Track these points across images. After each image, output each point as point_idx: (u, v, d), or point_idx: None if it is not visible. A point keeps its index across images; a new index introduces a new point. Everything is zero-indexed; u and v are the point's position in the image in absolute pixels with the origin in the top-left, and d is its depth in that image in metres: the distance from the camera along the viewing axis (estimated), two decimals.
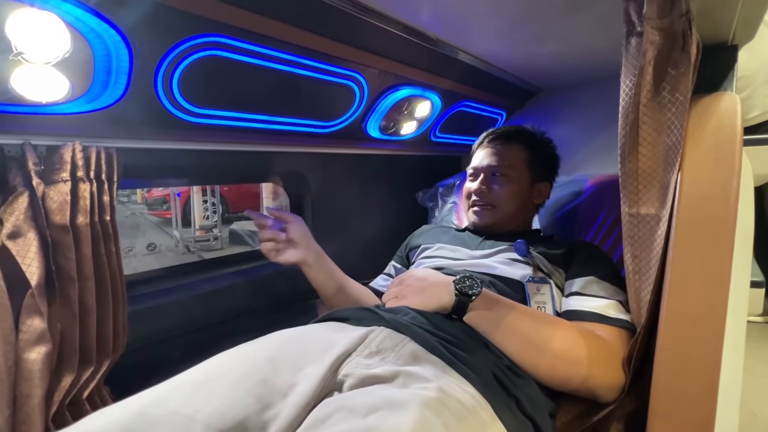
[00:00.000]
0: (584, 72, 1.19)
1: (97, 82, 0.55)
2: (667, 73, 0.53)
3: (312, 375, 0.48)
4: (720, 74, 0.65)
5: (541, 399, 0.58)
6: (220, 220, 4.91)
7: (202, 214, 4.97)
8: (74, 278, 0.56)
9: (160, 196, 6.04)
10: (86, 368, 0.57)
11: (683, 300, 0.50)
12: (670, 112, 0.53)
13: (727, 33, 0.63)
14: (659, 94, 0.54)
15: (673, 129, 0.53)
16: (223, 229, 4.90)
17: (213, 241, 4.75)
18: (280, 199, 4.63)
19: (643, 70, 0.53)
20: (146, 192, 6.54)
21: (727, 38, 0.65)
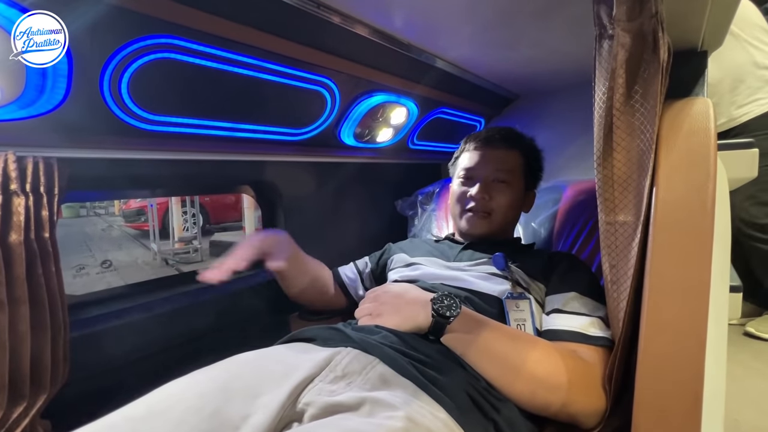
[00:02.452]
0: (559, 78, 1.19)
1: (30, 86, 0.50)
2: (638, 75, 0.52)
3: (268, 405, 0.44)
4: (691, 79, 0.65)
5: (521, 421, 0.54)
6: (200, 232, 4.78)
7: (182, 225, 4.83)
8: (3, 302, 0.50)
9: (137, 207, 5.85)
10: (18, 404, 0.51)
11: (663, 310, 0.48)
12: (643, 116, 0.52)
13: (696, 39, 0.62)
14: (631, 97, 0.53)
15: (645, 133, 0.52)
16: (203, 241, 4.76)
17: (193, 253, 4.61)
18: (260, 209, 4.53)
19: (614, 73, 0.52)
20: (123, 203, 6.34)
21: (696, 44, 0.64)
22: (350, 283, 0.94)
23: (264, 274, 1.00)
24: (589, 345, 0.60)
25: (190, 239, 4.73)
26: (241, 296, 0.91)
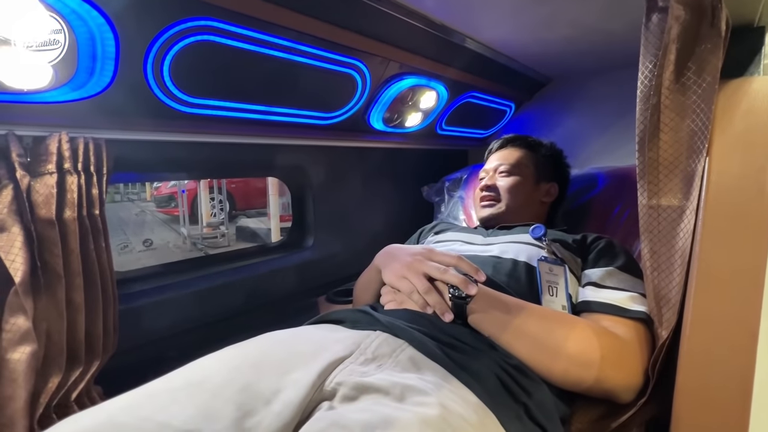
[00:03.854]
0: (597, 59, 1.13)
1: (82, 69, 0.52)
2: (693, 52, 0.49)
3: (299, 381, 0.45)
4: (746, 58, 0.60)
5: (552, 404, 0.54)
6: (227, 218, 4.93)
7: (209, 211, 5.00)
8: (61, 275, 0.53)
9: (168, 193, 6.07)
10: (74, 368, 0.55)
11: (711, 298, 0.46)
12: (696, 94, 0.49)
13: (753, 14, 0.58)
14: (683, 75, 0.50)
15: (699, 113, 0.49)
16: (230, 226, 4.91)
17: (220, 238, 4.77)
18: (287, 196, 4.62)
19: (666, 49, 0.49)
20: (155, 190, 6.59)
21: (753, 19, 0.60)
22: None
23: (292, 257, 1.02)
24: (625, 319, 0.58)
25: (218, 224, 4.89)
26: (272, 278, 0.94)
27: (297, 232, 1.07)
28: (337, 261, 1.09)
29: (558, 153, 0.98)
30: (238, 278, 0.88)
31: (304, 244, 1.05)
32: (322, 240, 1.06)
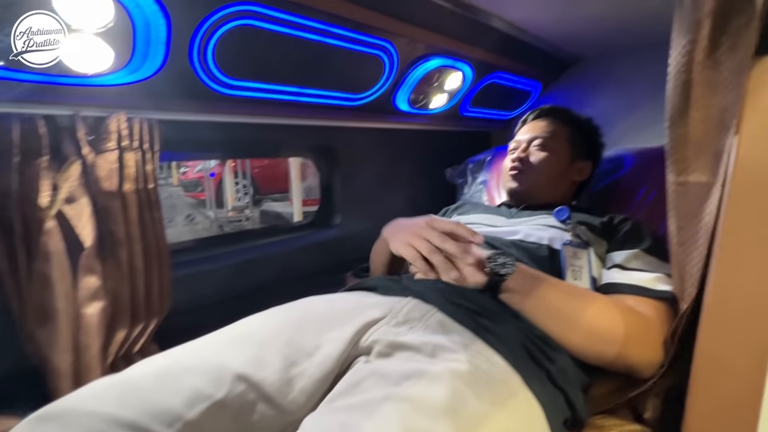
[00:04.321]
0: (627, 37, 1.11)
1: (137, 53, 0.57)
2: (726, 27, 0.48)
3: (337, 338, 0.49)
4: None
5: (573, 372, 0.57)
6: (251, 201, 5.07)
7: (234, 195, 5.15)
8: (123, 241, 0.60)
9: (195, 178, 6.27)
10: (137, 324, 0.62)
11: (734, 272, 0.47)
12: (728, 70, 0.49)
13: None
14: (716, 50, 0.50)
15: (731, 89, 0.49)
16: (254, 210, 5.05)
17: (245, 221, 4.93)
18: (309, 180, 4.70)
19: (699, 24, 0.49)
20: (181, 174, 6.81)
21: None
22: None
23: (320, 234, 1.07)
24: (649, 298, 0.60)
25: (243, 208, 5.04)
26: (301, 253, 0.99)
27: (325, 210, 1.12)
28: (363, 238, 1.13)
29: (595, 130, 0.94)
30: (272, 253, 0.94)
31: (332, 222, 1.10)
32: (349, 218, 1.11)
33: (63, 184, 0.56)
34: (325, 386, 0.45)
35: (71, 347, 0.54)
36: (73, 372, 0.54)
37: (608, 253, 0.71)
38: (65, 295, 0.54)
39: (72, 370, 0.54)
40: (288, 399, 0.43)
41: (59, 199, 0.56)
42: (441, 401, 0.37)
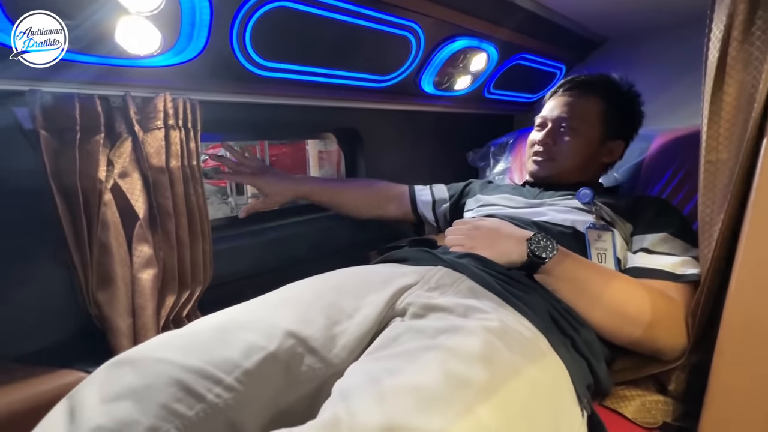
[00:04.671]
0: (657, 16, 1.08)
1: (183, 36, 0.60)
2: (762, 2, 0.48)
3: (375, 302, 0.52)
4: None
5: (597, 344, 0.59)
6: None
7: None
8: (171, 214, 0.64)
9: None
10: (183, 291, 0.67)
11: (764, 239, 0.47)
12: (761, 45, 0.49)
13: None
14: (754, 23, 0.50)
15: (757, 65, 0.49)
16: None
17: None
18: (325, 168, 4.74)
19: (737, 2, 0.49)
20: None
21: None
22: (422, 206, 1.00)
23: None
24: (677, 283, 0.61)
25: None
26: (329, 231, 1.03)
27: None
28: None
29: (635, 100, 0.85)
30: (301, 231, 0.98)
31: None
32: None
33: (117, 159, 0.61)
34: (365, 343, 0.48)
35: (129, 309, 0.59)
36: (132, 331, 0.60)
37: (634, 236, 0.71)
38: (122, 262, 0.59)
39: (130, 329, 0.59)
40: (332, 353, 0.46)
41: (114, 174, 0.60)
42: (476, 350, 0.40)
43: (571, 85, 0.84)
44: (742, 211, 0.50)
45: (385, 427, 0.31)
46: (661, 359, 0.59)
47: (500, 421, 0.35)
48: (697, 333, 0.56)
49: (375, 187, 1.02)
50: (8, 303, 0.59)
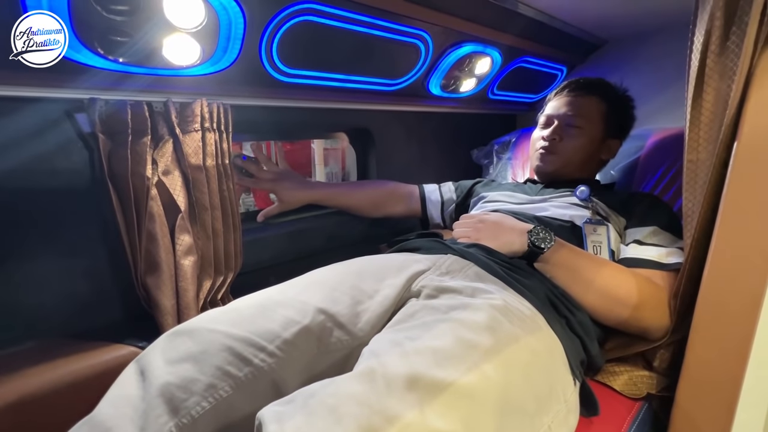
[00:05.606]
0: (655, 19, 1.14)
1: (220, 48, 0.68)
2: (735, 19, 0.54)
3: (393, 284, 0.60)
4: None
5: (590, 325, 0.65)
6: None
7: None
8: (207, 207, 0.72)
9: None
10: (218, 277, 0.75)
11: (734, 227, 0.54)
12: (737, 56, 0.55)
13: None
14: (728, 39, 0.56)
15: (732, 75, 0.55)
16: None
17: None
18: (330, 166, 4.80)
19: (714, 16, 0.55)
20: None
21: None
22: (430, 205, 1.08)
23: None
24: (662, 271, 0.68)
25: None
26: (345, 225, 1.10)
27: None
28: None
29: (630, 104, 0.93)
30: (318, 224, 1.06)
31: None
32: None
33: (160, 159, 0.68)
34: (385, 319, 0.56)
35: (174, 291, 0.67)
36: (176, 311, 0.67)
37: (627, 229, 0.77)
38: (166, 249, 0.67)
39: (175, 309, 0.67)
40: (357, 327, 0.54)
41: (158, 171, 0.68)
42: (482, 321, 0.47)
43: (574, 86, 0.91)
44: (717, 205, 0.57)
45: (410, 375, 0.38)
46: (647, 338, 0.66)
47: (502, 376, 0.42)
48: (679, 314, 0.63)
49: (383, 189, 1.09)
50: (66, 285, 0.67)
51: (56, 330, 0.67)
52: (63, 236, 0.66)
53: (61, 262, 0.66)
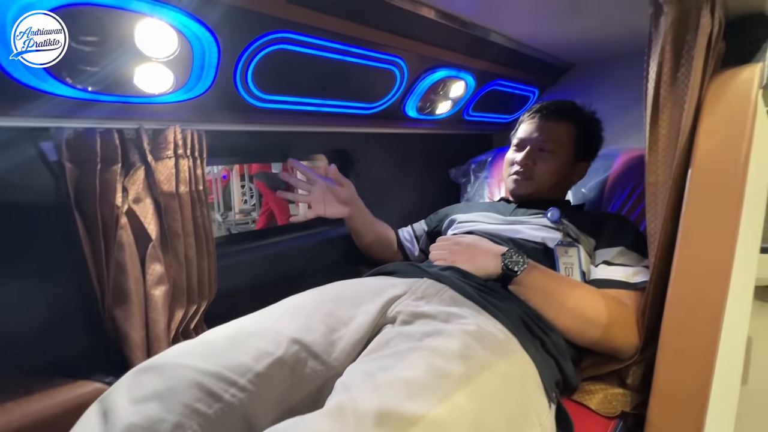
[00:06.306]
0: (616, 46, 1.21)
1: (193, 76, 0.68)
2: (682, 50, 0.58)
3: (368, 311, 0.60)
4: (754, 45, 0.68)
5: (564, 346, 0.67)
6: (258, 203, 5.17)
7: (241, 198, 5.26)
8: (180, 235, 0.70)
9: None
10: (191, 306, 0.73)
11: (693, 249, 0.57)
12: (685, 87, 0.59)
13: (761, 3, 0.65)
14: (678, 70, 0.60)
15: (683, 104, 0.59)
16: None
17: (252, 223, 5.03)
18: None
19: (664, 49, 0.59)
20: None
21: (762, 8, 0.67)
22: (406, 243, 1.10)
23: (339, 230, 1.17)
24: (630, 290, 0.70)
25: (249, 211, 5.16)
26: (324, 246, 1.10)
27: None
28: None
29: (598, 127, 0.96)
30: (296, 246, 1.05)
31: None
32: None
33: (131, 186, 0.67)
34: (360, 346, 0.55)
35: (143, 323, 0.65)
36: (145, 343, 0.65)
37: (597, 250, 0.80)
38: (136, 279, 0.65)
39: (144, 342, 0.65)
40: (332, 357, 0.53)
41: (129, 199, 0.66)
42: (455, 349, 0.48)
43: (546, 111, 0.94)
44: (677, 226, 0.60)
45: (380, 411, 0.38)
46: (619, 357, 0.67)
47: (474, 405, 0.42)
48: (647, 332, 0.65)
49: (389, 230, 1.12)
50: (28, 317, 0.64)
51: (15, 365, 0.64)
52: (25, 266, 0.64)
53: (23, 292, 0.64)
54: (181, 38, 0.62)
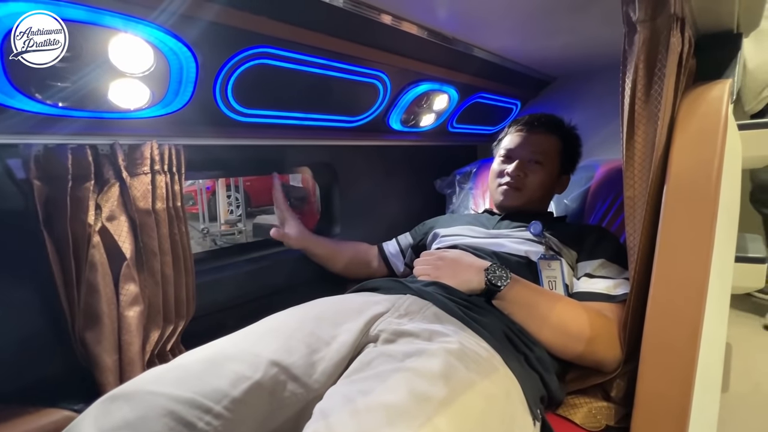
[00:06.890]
0: (594, 61, 1.24)
1: (171, 91, 0.67)
2: (655, 68, 0.60)
3: (350, 330, 0.58)
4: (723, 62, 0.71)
5: (549, 360, 0.66)
6: (244, 214, 5.11)
7: (227, 208, 5.18)
8: (156, 253, 0.68)
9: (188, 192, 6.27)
10: (168, 326, 0.70)
11: (670, 262, 0.58)
12: (659, 103, 0.60)
13: (730, 22, 0.68)
14: (651, 87, 0.61)
15: (657, 120, 0.60)
16: (247, 223, 5.09)
17: (238, 234, 4.96)
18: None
19: (637, 67, 0.60)
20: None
21: (731, 26, 0.70)
22: (392, 258, 1.09)
23: None
24: (611, 303, 0.70)
25: (235, 221, 5.08)
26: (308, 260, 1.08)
27: (325, 221, 1.22)
28: None
29: (579, 142, 0.99)
30: (279, 260, 1.03)
31: (332, 232, 1.19)
32: (348, 228, 1.20)
33: (104, 204, 0.65)
34: (342, 367, 0.54)
35: (115, 346, 0.62)
36: (118, 367, 0.62)
37: (578, 262, 0.80)
38: (108, 300, 0.63)
39: (116, 366, 0.62)
40: (312, 379, 0.52)
41: (102, 217, 0.64)
42: (437, 370, 0.47)
43: (535, 123, 0.94)
44: (654, 239, 0.61)
45: None
46: (602, 370, 0.67)
47: (456, 429, 0.41)
48: (630, 344, 0.65)
49: (359, 249, 1.11)
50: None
51: None
52: None
53: None
54: (158, 54, 0.61)
